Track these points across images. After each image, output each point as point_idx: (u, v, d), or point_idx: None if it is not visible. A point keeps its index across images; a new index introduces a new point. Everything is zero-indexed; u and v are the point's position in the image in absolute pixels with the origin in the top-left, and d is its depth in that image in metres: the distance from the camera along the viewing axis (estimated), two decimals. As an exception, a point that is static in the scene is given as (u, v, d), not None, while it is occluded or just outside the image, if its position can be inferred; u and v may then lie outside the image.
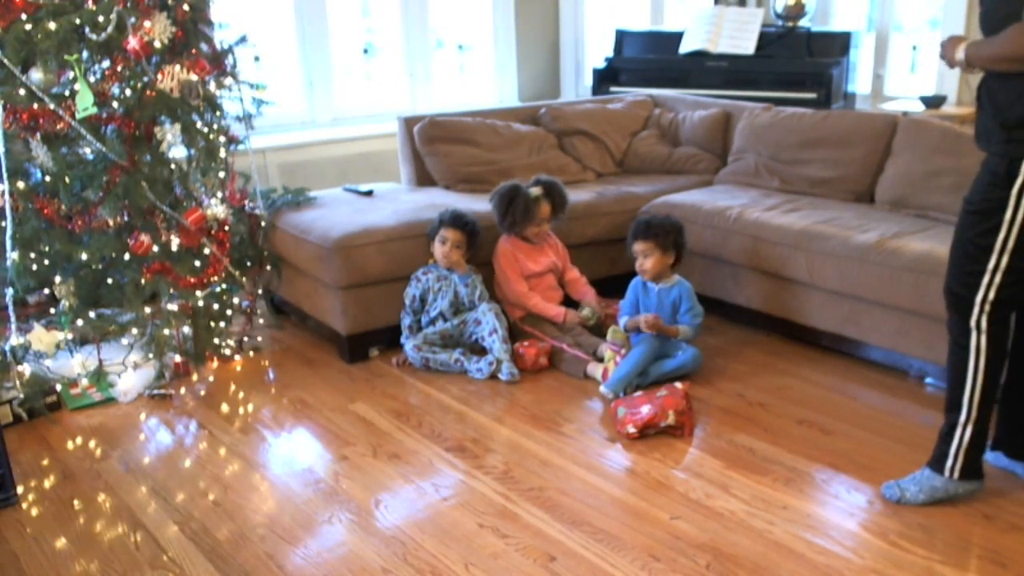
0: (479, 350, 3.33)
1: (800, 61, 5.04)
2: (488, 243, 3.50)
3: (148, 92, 2.98)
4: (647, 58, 5.50)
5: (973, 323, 2.20)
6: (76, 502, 2.49)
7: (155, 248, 3.09)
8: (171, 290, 3.12)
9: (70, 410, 3.07)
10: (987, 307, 2.17)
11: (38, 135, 2.95)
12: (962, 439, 2.27)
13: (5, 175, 2.87)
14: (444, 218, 3.34)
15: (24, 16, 2.82)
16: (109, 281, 3.20)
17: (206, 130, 3.16)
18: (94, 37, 2.90)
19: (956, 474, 2.30)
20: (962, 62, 2.14)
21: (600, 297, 3.61)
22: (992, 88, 2.11)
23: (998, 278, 2.14)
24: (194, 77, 3.02)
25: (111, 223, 3.07)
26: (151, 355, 3.18)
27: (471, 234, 3.37)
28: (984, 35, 2.11)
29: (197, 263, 3.16)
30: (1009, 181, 2.07)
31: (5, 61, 2.82)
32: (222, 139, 3.26)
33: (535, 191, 3.45)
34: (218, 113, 3.23)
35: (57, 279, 3.15)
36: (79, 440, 2.86)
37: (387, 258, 3.33)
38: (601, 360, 3.18)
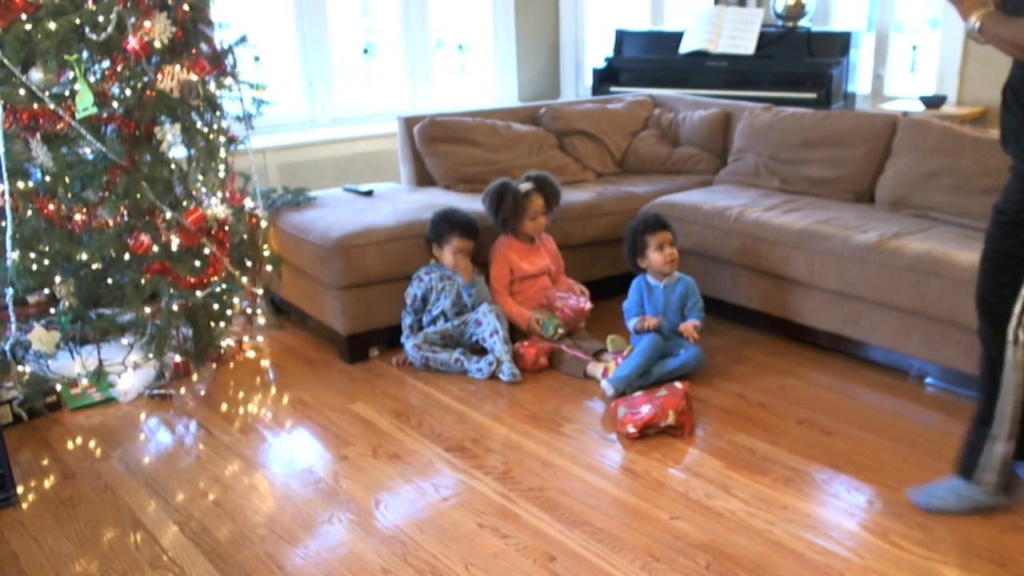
0: (479, 350, 3.33)
1: (800, 61, 5.05)
2: (488, 243, 3.50)
3: (148, 92, 2.97)
4: (647, 58, 5.51)
5: (1011, 336, 2.10)
6: (76, 502, 2.49)
7: (155, 248, 3.09)
8: (171, 290, 3.12)
9: (70, 410, 3.07)
10: None
11: (38, 135, 2.95)
12: (995, 452, 2.20)
13: (5, 175, 2.87)
14: (455, 226, 3.32)
15: (24, 16, 2.82)
16: (109, 281, 3.19)
17: (206, 130, 3.15)
18: (94, 37, 2.90)
19: (990, 488, 2.24)
20: (974, 29, 2.00)
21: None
22: (1020, 91, 2.01)
23: None
24: (194, 77, 3.02)
25: (111, 223, 3.07)
26: (151, 355, 3.17)
27: (478, 239, 3.39)
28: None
29: (197, 263, 3.16)
30: None
31: (5, 61, 2.82)
32: (222, 139, 3.26)
33: (525, 186, 3.45)
34: (218, 113, 3.22)
35: (57, 279, 3.14)
36: (79, 440, 2.87)
37: (387, 258, 3.33)
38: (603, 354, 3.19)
